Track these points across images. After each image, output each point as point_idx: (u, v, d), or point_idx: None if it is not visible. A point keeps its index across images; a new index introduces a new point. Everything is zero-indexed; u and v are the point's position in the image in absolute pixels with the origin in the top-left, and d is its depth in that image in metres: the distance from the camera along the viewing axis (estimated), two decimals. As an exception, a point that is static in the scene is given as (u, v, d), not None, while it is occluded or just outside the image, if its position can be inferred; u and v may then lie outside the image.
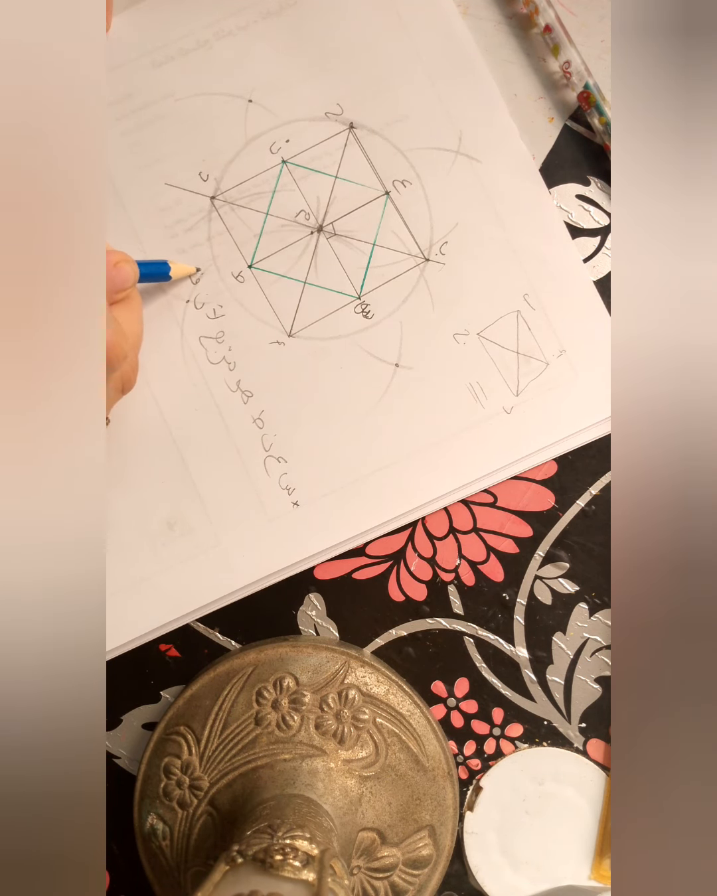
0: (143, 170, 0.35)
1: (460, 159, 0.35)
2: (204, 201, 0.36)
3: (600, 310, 0.35)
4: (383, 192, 0.35)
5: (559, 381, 0.35)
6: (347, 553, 0.36)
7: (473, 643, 0.36)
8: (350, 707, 0.34)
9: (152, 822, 0.35)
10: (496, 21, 0.36)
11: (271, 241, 0.36)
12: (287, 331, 0.36)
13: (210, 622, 0.37)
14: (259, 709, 0.34)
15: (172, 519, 0.35)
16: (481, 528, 0.36)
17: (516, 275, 0.35)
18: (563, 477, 0.36)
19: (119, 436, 0.35)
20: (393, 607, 0.36)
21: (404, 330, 0.35)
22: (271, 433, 0.35)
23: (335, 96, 0.35)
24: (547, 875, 0.36)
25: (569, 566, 0.36)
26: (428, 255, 0.35)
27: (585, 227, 0.36)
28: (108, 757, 0.37)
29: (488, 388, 0.35)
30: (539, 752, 0.36)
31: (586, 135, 0.36)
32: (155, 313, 0.36)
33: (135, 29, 0.35)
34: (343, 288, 0.36)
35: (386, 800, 0.34)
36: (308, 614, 0.36)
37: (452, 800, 0.35)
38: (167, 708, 0.36)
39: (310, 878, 0.25)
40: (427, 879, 0.35)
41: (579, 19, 0.35)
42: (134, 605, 0.35)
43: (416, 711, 0.35)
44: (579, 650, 0.36)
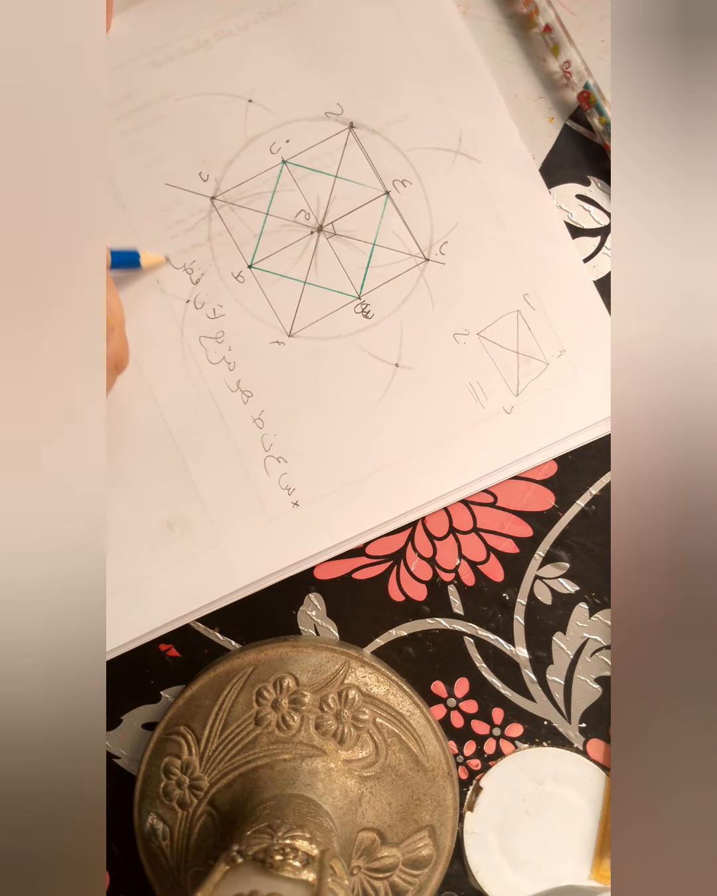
0: (143, 170, 0.35)
1: (460, 159, 0.35)
2: (204, 201, 0.36)
3: (600, 310, 0.35)
4: (382, 191, 0.35)
5: (559, 381, 0.35)
6: (347, 553, 0.36)
7: (473, 643, 0.36)
8: (350, 707, 0.34)
9: (152, 822, 0.35)
10: (496, 21, 0.36)
11: (271, 241, 0.36)
12: (287, 331, 0.36)
13: (210, 622, 0.37)
14: (259, 709, 0.34)
15: (172, 519, 0.35)
16: (481, 528, 0.36)
17: (516, 275, 0.35)
18: (563, 477, 0.36)
19: (119, 436, 0.35)
20: (393, 607, 0.36)
21: (404, 330, 0.35)
22: (271, 433, 0.35)
23: (335, 96, 0.35)
24: (547, 875, 0.36)
25: (569, 566, 0.36)
26: (428, 255, 0.35)
27: (585, 227, 0.36)
28: (109, 757, 0.37)
29: (488, 388, 0.35)
30: (539, 752, 0.36)
31: (586, 135, 0.36)
32: (155, 313, 0.36)
33: (135, 29, 0.35)
34: (343, 288, 0.36)
35: (386, 800, 0.34)
36: (308, 614, 0.36)
37: (452, 800, 0.35)
38: (167, 708, 0.36)
39: (310, 878, 0.25)
40: (427, 879, 0.35)
41: (579, 19, 0.35)
42: (134, 605, 0.35)
43: (416, 711, 0.35)
44: (579, 650, 0.36)
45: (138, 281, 0.35)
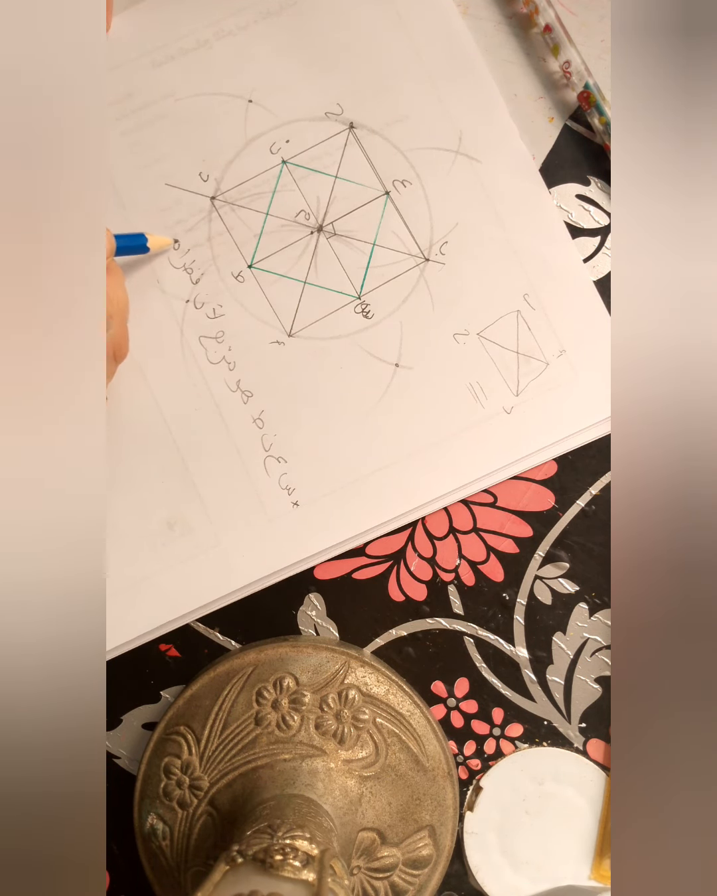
0: (143, 170, 0.35)
1: (460, 159, 0.35)
2: (204, 201, 0.36)
3: (600, 310, 0.35)
4: (383, 192, 0.35)
5: (559, 381, 0.35)
6: (347, 553, 0.36)
7: (473, 643, 0.36)
8: (350, 707, 0.34)
9: (152, 822, 0.35)
10: (496, 21, 0.36)
11: (271, 241, 0.36)
12: (287, 331, 0.36)
13: (210, 622, 0.37)
14: (259, 709, 0.34)
15: (172, 519, 0.35)
16: (481, 528, 0.36)
17: (516, 275, 0.35)
18: (563, 477, 0.36)
19: (119, 436, 0.35)
20: (393, 607, 0.36)
21: (404, 330, 0.35)
22: (271, 433, 0.35)
23: (335, 96, 0.35)
24: (547, 875, 0.36)
25: (569, 566, 0.36)
26: (428, 255, 0.35)
27: (585, 227, 0.36)
28: (109, 757, 0.37)
29: (488, 388, 0.35)
30: (539, 752, 0.36)
31: (586, 135, 0.36)
32: (155, 313, 0.36)
33: (135, 29, 0.35)
34: (343, 288, 0.36)
35: (386, 800, 0.34)
36: (308, 614, 0.36)
37: (452, 800, 0.35)
38: (167, 708, 0.36)
39: (310, 878, 0.25)
40: (427, 879, 0.35)
41: (579, 19, 0.35)
42: (134, 605, 0.35)
43: (416, 711, 0.35)
44: (579, 650, 0.36)
45: (138, 280, 0.35)
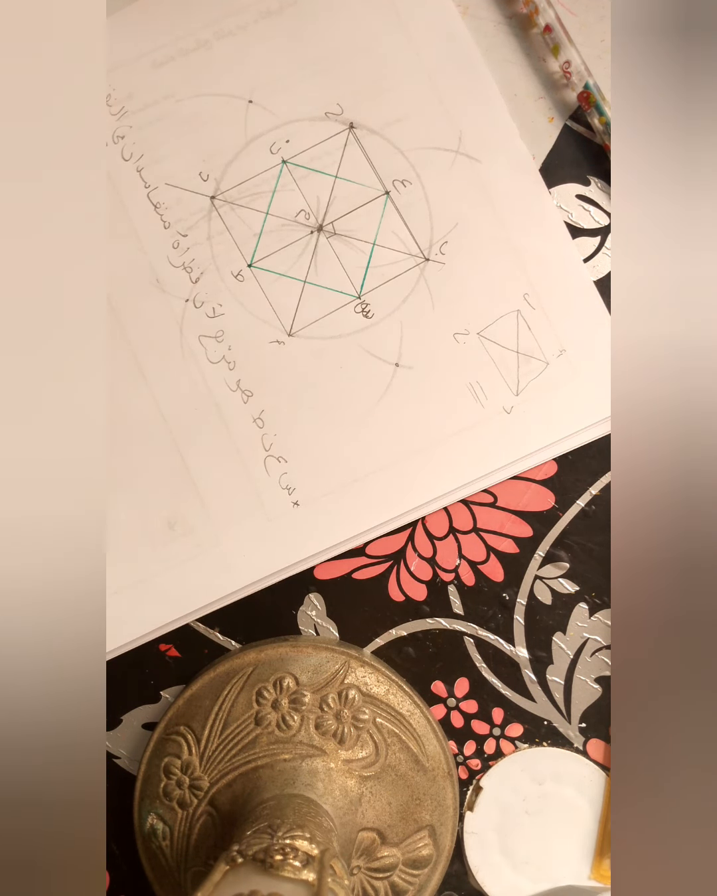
0: (143, 170, 0.35)
1: (460, 159, 0.35)
2: (204, 201, 0.36)
3: (600, 310, 0.35)
4: (382, 191, 0.35)
5: (559, 380, 0.35)
6: (347, 553, 0.36)
7: (473, 643, 0.36)
8: (350, 707, 0.34)
9: (152, 822, 0.35)
10: (496, 21, 0.36)
11: (271, 241, 0.36)
12: (287, 330, 0.36)
13: (210, 622, 0.36)
14: (259, 709, 0.34)
15: (172, 519, 0.35)
16: (481, 528, 0.36)
17: (516, 275, 0.35)
18: (563, 477, 0.36)
19: (119, 436, 0.35)
20: (393, 607, 0.36)
21: (404, 329, 0.35)
22: (271, 433, 0.35)
23: (335, 96, 0.35)
24: (547, 875, 0.36)
25: (569, 566, 0.36)
26: (428, 255, 0.35)
27: (585, 227, 0.36)
28: (108, 757, 0.37)
29: (488, 388, 0.35)
30: (539, 752, 0.36)
31: (586, 135, 0.36)
32: (154, 312, 0.36)
33: (135, 29, 0.35)
34: (343, 287, 0.36)
35: (386, 800, 0.34)
36: (308, 614, 0.36)
37: (452, 800, 0.35)
38: (167, 708, 0.36)
39: (310, 878, 0.25)
40: (427, 879, 0.35)
41: (579, 19, 0.35)
42: (134, 605, 0.35)
43: (416, 711, 0.35)
44: (579, 650, 0.36)
45: (137, 279, 0.35)
